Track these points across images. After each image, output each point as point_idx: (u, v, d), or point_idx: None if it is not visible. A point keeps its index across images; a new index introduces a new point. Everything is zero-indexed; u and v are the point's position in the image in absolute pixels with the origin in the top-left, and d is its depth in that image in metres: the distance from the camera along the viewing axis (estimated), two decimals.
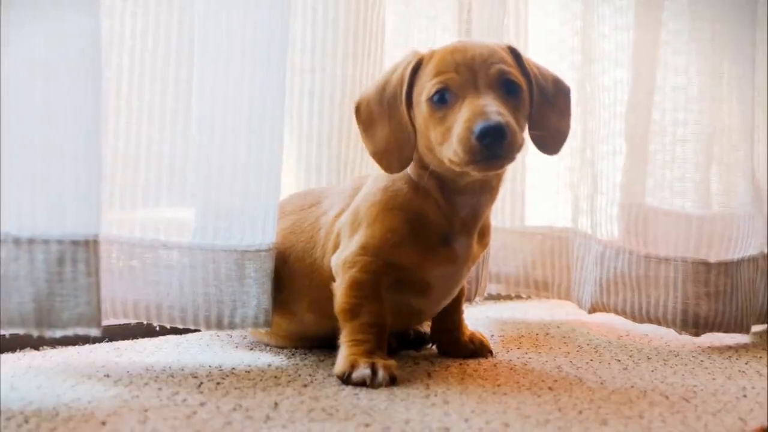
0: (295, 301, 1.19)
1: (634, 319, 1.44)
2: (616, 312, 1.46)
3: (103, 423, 0.88)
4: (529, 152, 1.62)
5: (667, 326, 1.42)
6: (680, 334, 1.42)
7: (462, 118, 1.02)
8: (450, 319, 1.25)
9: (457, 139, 1.02)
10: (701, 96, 1.45)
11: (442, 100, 1.06)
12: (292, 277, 1.19)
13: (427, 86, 1.07)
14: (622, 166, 1.48)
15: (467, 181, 1.11)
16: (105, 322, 1.26)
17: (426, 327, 1.31)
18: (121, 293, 1.15)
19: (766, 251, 1.51)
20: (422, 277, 1.13)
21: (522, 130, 1.07)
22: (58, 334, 0.99)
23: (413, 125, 1.10)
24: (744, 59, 1.46)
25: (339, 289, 1.12)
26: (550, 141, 1.14)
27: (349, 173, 1.42)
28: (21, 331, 0.99)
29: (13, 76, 0.96)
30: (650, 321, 1.43)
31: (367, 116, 1.13)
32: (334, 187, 1.28)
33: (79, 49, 0.99)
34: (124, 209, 1.17)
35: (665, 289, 1.41)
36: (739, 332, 1.43)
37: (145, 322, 1.18)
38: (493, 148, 1.00)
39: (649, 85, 1.46)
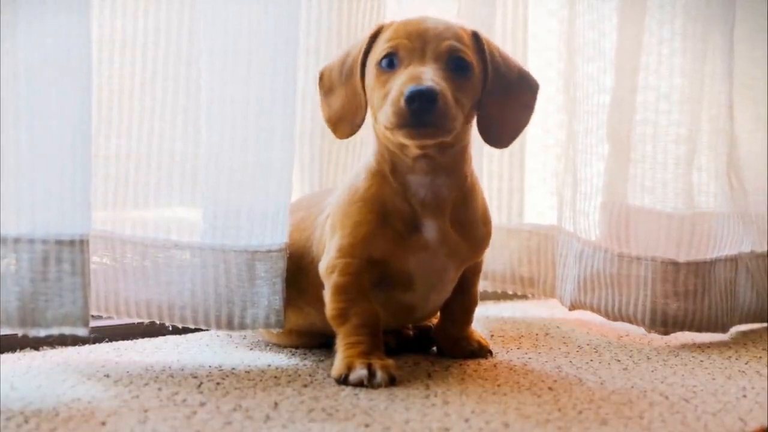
0: (300, 295, 1.20)
1: (608, 317, 1.45)
2: (592, 309, 1.47)
3: (103, 423, 0.88)
4: (527, 153, 1.64)
5: (638, 325, 1.42)
6: (649, 332, 1.43)
7: (398, 82, 1.03)
8: (454, 320, 1.24)
9: (390, 102, 1.03)
10: (682, 96, 1.45)
11: (390, 65, 1.07)
12: (297, 273, 1.19)
13: (377, 50, 1.09)
14: (604, 164, 1.48)
15: (415, 157, 1.10)
16: (108, 322, 1.27)
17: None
18: (134, 293, 1.16)
19: (756, 250, 1.52)
20: (401, 268, 1.12)
21: (463, 109, 1.07)
22: (43, 333, 0.99)
23: (365, 93, 1.11)
24: (723, 59, 1.46)
25: (326, 296, 1.12)
26: (499, 131, 1.14)
27: (340, 173, 1.42)
28: (5, 330, 0.99)
29: None
30: (622, 319, 1.43)
31: (328, 84, 1.16)
32: (335, 188, 1.28)
33: (68, 47, 0.99)
34: (138, 208, 1.17)
35: (636, 288, 1.41)
36: (714, 332, 1.43)
37: (147, 321, 1.19)
38: (420, 113, 1.00)
39: (631, 84, 1.46)
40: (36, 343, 1.20)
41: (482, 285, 1.63)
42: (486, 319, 1.56)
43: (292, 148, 1.18)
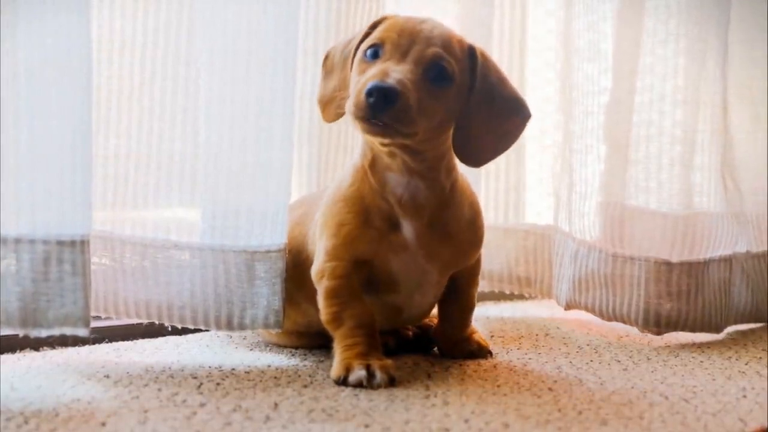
0: (299, 291, 1.20)
1: (602, 316, 1.45)
2: (587, 309, 1.47)
3: (103, 423, 0.88)
4: (526, 153, 1.64)
5: (631, 324, 1.43)
6: (642, 332, 1.43)
7: (368, 74, 1.03)
8: (452, 322, 1.24)
9: (354, 91, 1.03)
10: (679, 97, 1.45)
11: (374, 55, 1.07)
12: (296, 268, 1.19)
13: (368, 39, 1.09)
14: (600, 165, 1.48)
15: (389, 154, 1.09)
16: (108, 323, 1.27)
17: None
18: (133, 293, 1.16)
19: (752, 251, 1.52)
20: (384, 268, 1.12)
21: (431, 117, 1.05)
22: (44, 333, 0.99)
23: None
24: (718, 60, 1.47)
25: (319, 301, 1.12)
26: (475, 150, 1.12)
27: (336, 172, 1.42)
28: (6, 330, 0.99)
29: None
30: (616, 319, 1.44)
31: (330, 65, 1.16)
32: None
33: (68, 47, 0.99)
34: (137, 209, 1.17)
35: (630, 288, 1.42)
36: (707, 332, 1.44)
37: (146, 322, 1.19)
38: (376, 108, 1.00)
39: (629, 85, 1.46)
40: (36, 344, 1.20)
41: (480, 285, 1.64)
42: (486, 319, 1.56)
43: (291, 149, 1.18)
